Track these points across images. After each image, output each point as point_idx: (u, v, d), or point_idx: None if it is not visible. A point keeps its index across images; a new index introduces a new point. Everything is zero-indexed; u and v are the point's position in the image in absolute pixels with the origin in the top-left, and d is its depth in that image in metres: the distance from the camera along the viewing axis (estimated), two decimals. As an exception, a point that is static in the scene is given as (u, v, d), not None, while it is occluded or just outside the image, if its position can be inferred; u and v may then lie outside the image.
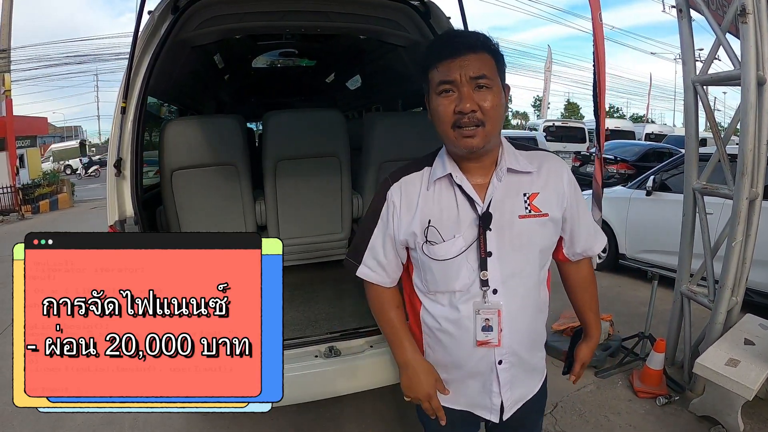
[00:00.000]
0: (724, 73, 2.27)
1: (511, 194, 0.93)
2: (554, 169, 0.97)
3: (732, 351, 2.21)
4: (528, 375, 1.03)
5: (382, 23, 2.15)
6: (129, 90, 1.67)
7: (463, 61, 0.85)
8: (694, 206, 2.50)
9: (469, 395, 1.02)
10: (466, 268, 0.92)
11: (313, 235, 2.33)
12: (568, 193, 0.97)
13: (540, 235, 0.94)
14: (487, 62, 0.87)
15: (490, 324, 0.93)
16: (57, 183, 11.85)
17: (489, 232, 0.91)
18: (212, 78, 3.65)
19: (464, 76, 0.85)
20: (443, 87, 0.87)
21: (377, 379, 1.83)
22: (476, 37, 0.89)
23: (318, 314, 2.14)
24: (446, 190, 0.94)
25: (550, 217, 0.94)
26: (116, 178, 1.64)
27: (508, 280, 0.93)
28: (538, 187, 0.94)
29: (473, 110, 0.85)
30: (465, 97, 0.85)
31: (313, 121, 2.18)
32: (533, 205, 0.93)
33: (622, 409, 2.33)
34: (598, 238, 1.04)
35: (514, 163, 0.94)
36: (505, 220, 0.92)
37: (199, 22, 1.95)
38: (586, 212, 1.02)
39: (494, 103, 0.86)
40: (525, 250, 0.93)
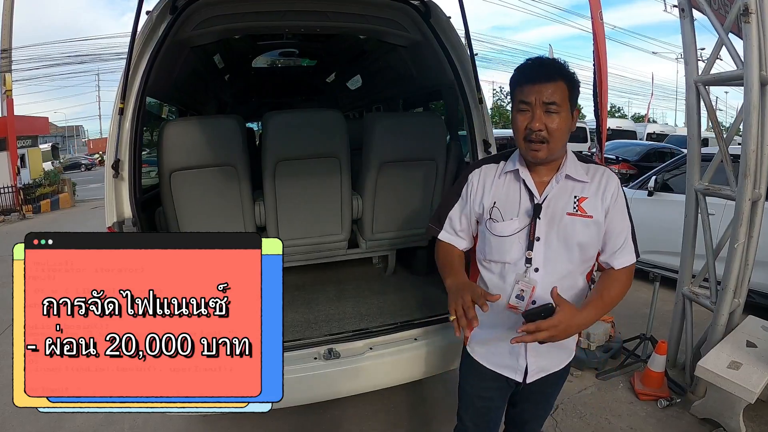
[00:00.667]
0: (727, 73, 2.26)
1: (565, 195, 1.13)
2: (605, 181, 1.14)
3: (734, 353, 2.20)
4: (555, 350, 1.19)
5: (382, 23, 2.14)
6: (127, 91, 1.66)
7: (540, 87, 1.05)
8: (696, 207, 2.49)
9: (499, 355, 1.22)
10: (517, 246, 1.14)
11: (313, 236, 2.32)
12: (611, 204, 1.13)
13: (582, 232, 1.11)
14: (560, 90, 1.05)
15: (523, 294, 1.13)
16: (58, 183, 11.87)
17: (539, 221, 1.12)
18: (212, 78, 3.64)
19: (538, 100, 1.05)
20: (521, 106, 1.08)
21: (378, 381, 1.82)
22: (555, 67, 1.08)
23: (318, 316, 2.13)
24: (513, 182, 1.17)
25: (593, 219, 1.12)
26: (114, 179, 1.63)
27: (548, 263, 1.12)
28: (588, 193, 1.13)
29: (540, 129, 1.05)
30: (536, 118, 1.05)
31: (313, 121, 2.16)
32: (581, 206, 1.12)
33: (623, 411, 2.32)
34: (624, 255, 1.15)
35: (572, 172, 1.14)
36: (556, 214, 1.12)
37: (197, 22, 1.94)
38: (624, 226, 1.14)
39: (559, 126, 1.06)
40: (568, 242, 1.12)
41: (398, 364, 1.82)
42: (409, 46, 2.34)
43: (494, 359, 1.24)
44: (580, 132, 13.63)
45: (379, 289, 2.47)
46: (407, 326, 1.93)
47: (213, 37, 2.14)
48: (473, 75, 1.93)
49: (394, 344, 1.84)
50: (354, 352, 1.78)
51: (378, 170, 2.22)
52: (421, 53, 2.29)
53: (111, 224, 1.61)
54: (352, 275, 2.68)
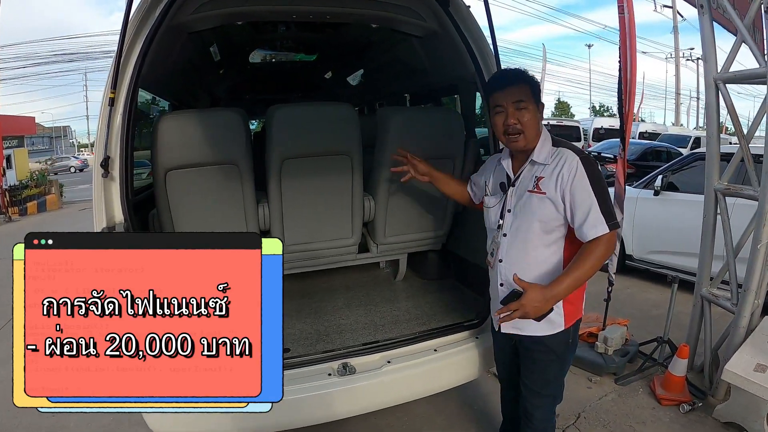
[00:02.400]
0: (748, 71, 2.19)
1: (529, 176, 1.37)
2: (563, 162, 1.31)
3: (758, 356, 2.14)
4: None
5: (397, 11, 2.01)
6: (118, 79, 1.50)
7: (508, 91, 1.33)
8: (716, 207, 2.43)
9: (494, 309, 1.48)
10: (494, 216, 1.46)
11: (321, 240, 2.19)
12: (568, 182, 1.28)
13: (537, 206, 1.33)
14: (524, 90, 1.32)
15: (494, 251, 1.45)
16: (45, 184, 11.56)
17: (510, 197, 1.41)
18: (210, 69, 3.44)
19: (508, 101, 1.32)
20: (497, 109, 1.35)
21: (396, 396, 1.72)
22: (517, 74, 1.36)
23: (329, 327, 2.01)
24: (500, 168, 1.48)
25: (546, 196, 1.31)
26: (104, 179, 1.48)
27: (513, 231, 1.39)
28: (545, 173, 1.33)
29: (515, 123, 1.32)
30: (510, 115, 1.32)
31: (322, 115, 2.01)
32: (538, 185, 1.33)
33: (647, 417, 2.25)
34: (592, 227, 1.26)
35: (537, 157, 1.35)
36: (521, 191, 1.38)
37: (198, 5, 1.79)
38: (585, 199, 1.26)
39: (529, 118, 1.32)
40: (527, 214, 1.35)
41: (418, 377, 1.72)
42: (425, 37, 2.21)
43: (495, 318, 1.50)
44: (573, 131, 13.68)
45: (390, 296, 2.36)
46: (426, 336, 1.82)
47: (214, 22, 1.97)
48: (496, 68, 1.82)
49: (413, 356, 1.74)
50: (370, 366, 1.67)
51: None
52: (438, 44, 2.17)
53: (100, 229, 1.46)
54: (360, 281, 2.57)
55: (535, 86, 1.33)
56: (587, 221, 1.25)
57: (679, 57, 25.56)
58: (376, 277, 2.63)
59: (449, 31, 1.93)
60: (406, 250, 2.41)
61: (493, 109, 1.35)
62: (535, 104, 1.32)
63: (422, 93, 3.39)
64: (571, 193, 1.27)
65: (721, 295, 2.47)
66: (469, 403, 2.32)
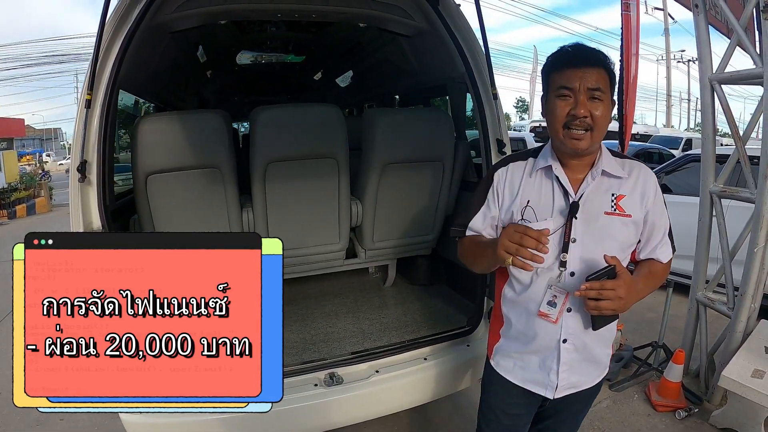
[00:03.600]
0: (744, 71, 2.16)
1: (601, 192, 1.05)
2: (643, 177, 1.07)
3: (755, 361, 2.12)
4: (588, 364, 1.12)
5: (386, 9, 1.96)
6: (95, 80, 1.44)
7: (584, 72, 0.98)
8: (711, 210, 2.39)
9: (528, 370, 1.14)
10: (551, 249, 1.00)
11: (308, 246, 2.13)
12: (652, 200, 1.06)
13: (620, 232, 1.05)
14: (603, 77, 0.99)
15: (555, 301, 1.05)
16: (34, 187, 11.40)
17: (575, 221, 1.03)
18: (196, 71, 3.38)
19: (583, 85, 0.98)
20: (562, 91, 1.00)
21: (385, 407, 1.66)
22: (598, 54, 1.02)
23: (315, 335, 1.95)
24: (546, 179, 1.08)
25: (632, 219, 1.05)
26: (80, 183, 1.42)
27: (585, 266, 1.02)
28: (626, 190, 1.05)
29: (585, 116, 0.98)
30: (580, 104, 0.98)
31: (308, 117, 1.95)
32: (619, 205, 1.05)
33: (643, 425, 2.20)
34: (665, 250, 1.11)
35: (609, 167, 1.05)
36: (592, 213, 1.04)
37: (177, 3, 1.74)
38: (664, 223, 1.10)
39: (603, 114, 0.99)
40: (606, 242, 1.03)
41: (407, 387, 1.66)
42: (414, 36, 2.16)
43: (522, 374, 1.15)
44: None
45: (379, 302, 2.30)
46: (416, 345, 1.76)
47: (196, 21, 1.91)
48: (487, 67, 1.77)
49: (402, 366, 1.68)
50: (358, 376, 1.61)
51: (380, 172, 2.04)
52: (427, 44, 2.12)
53: None
54: (348, 287, 2.50)
55: (614, 77, 1.03)
56: (662, 243, 1.10)
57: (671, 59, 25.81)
58: (365, 283, 2.57)
59: (439, 30, 1.88)
60: (395, 256, 2.35)
61: (557, 91, 1.00)
62: (610, 99, 1.02)
63: (412, 94, 3.35)
64: (653, 215, 1.07)
65: (716, 299, 2.44)
66: (460, 410, 2.26)
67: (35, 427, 2.33)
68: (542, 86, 1.07)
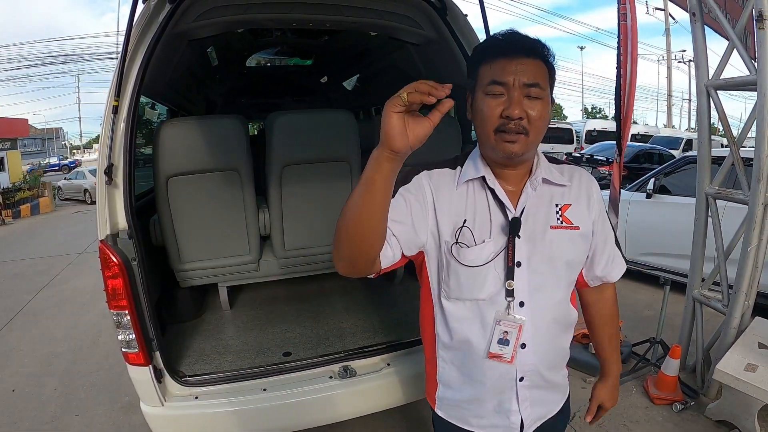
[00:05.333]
0: (739, 78, 2.25)
1: (544, 204, 0.90)
2: (585, 184, 0.95)
3: (748, 356, 2.20)
4: (550, 393, 1.00)
5: (396, 19, 2.04)
6: (122, 87, 1.51)
7: (519, 64, 0.80)
8: (707, 211, 2.48)
9: (484, 417, 0.97)
10: (493, 276, 0.87)
11: (321, 245, 2.22)
12: (597, 210, 0.94)
13: (569, 248, 0.91)
14: (541, 71, 0.83)
15: (508, 338, 0.89)
16: (38, 186, 11.48)
17: (518, 241, 0.87)
18: (208, 74, 3.47)
19: (517, 80, 0.80)
20: (494, 88, 0.81)
21: (395, 398, 1.75)
22: (536, 43, 0.84)
23: (328, 330, 2.04)
24: (478, 193, 0.90)
25: (580, 231, 0.91)
26: (107, 186, 1.48)
27: (535, 292, 0.89)
28: (570, 199, 0.92)
29: (520, 117, 0.80)
30: (514, 103, 0.80)
31: (322, 122, 2.04)
32: (565, 216, 0.90)
33: (641, 417, 2.29)
34: (617, 264, 1.00)
35: (549, 175, 0.91)
36: (537, 229, 0.89)
37: (199, 12, 1.81)
38: (609, 233, 0.98)
39: (541, 114, 0.82)
40: (554, 262, 0.89)
41: (417, 379, 1.75)
42: (422, 44, 2.25)
43: (478, 421, 0.98)
44: (565, 133, 13.78)
45: (388, 299, 2.39)
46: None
47: (215, 29, 1.98)
48: None
49: (413, 358, 1.77)
50: (371, 368, 1.71)
51: None
52: (435, 52, 2.21)
53: (104, 237, 1.47)
54: (357, 285, 2.59)
55: (553, 69, 0.85)
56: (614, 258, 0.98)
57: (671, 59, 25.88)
58: (374, 282, 2.66)
59: (446, 39, 1.96)
60: None
61: (486, 87, 0.82)
62: (549, 96, 0.84)
63: None
64: (599, 226, 0.95)
65: (712, 297, 2.52)
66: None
67: (51, 422, 2.39)
68: (467, 82, 0.88)
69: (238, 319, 2.22)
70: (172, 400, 1.57)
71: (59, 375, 2.89)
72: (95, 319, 3.78)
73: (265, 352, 1.86)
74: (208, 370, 1.72)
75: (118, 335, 1.48)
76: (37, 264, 5.81)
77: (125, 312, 1.45)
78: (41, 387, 2.75)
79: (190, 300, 2.23)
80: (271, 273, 2.26)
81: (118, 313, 1.45)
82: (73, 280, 5.01)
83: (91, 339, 3.41)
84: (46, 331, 3.61)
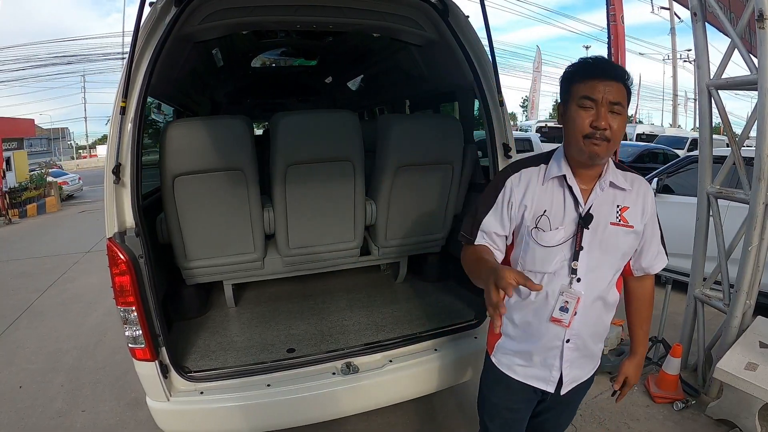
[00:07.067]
0: (740, 77, 2.25)
1: (608, 204, 1.11)
2: (643, 190, 1.14)
3: (749, 355, 2.20)
4: (587, 360, 1.21)
5: (398, 20, 2.06)
6: (129, 88, 1.54)
7: (607, 85, 1.01)
8: (708, 210, 2.49)
9: (531, 367, 1.21)
10: (561, 256, 1.10)
11: (324, 243, 2.24)
12: (649, 213, 1.14)
13: (623, 241, 1.12)
14: (623, 93, 1.03)
15: (567, 306, 1.11)
16: (44, 186, 11.57)
17: (585, 231, 1.09)
18: (212, 75, 3.50)
19: (605, 98, 1.01)
20: (585, 102, 1.02)
21: (398, 394, 1.77)
22: (621, 70, 1.05)
23: (332, 327, 2.07)
24: (557, 188, 1.12)
25: (634, 230, 1.12)
26: (115, 185, 1.51)
27: (590, 273, 1.10)
28: (630, 202, 1.12)
29: (605, 128, 1.01)
30: (602, 116, 1.01)
31: (325, 123, 2.07)
32: (623, 216, 1.11)
33: (641, 415, 2.30)
34: (660, 258, 1.20)
35: (615, 179, 1.11)
36: (600, 223, 1.09)
37: (204, 15, 1.83)
38: (658, 233, 1.18)
39: (620, 127, 1.04)
40: (610, 252, 1.11)
41: (419, 376, 1.78)
42: (424, 45, 2.27)
43: (525, 371, 1.22)
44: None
45: (391, 297, 2.41)
46: (426, 336, 1.88)
47: (220, 32, 2.01)
48: (494, 76, 1.88)
49: (414, 356, 1.80)
50: (373, 365, 1.73)
51: (393, 174, 2.15)
52: (436, 53, 2.23)
53: (112, 235, 1.50)
54: (361, 283, 2.62)
55: (631, 95, 1.06)
56: (658, 253, 1.18)
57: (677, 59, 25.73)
58: (377, 279, 2.68)
59: (448, 41, 1.98)
60: (406, 253, 2.47)
61: (578, 100, 1.02)
62: (626, 113, 1.06)
63: (422, 99, 3.45)
64: (650, 227, 1.15)
65: (713, 296, 2.53)
66: (467, 401, 2.37)
67: (57, 418, 2.42)
68: (560, 94, 1.10)
69: (243, 316, 2.25)
70: (177, 395, 1.60)
71: (65, 372, 2.93)
72: (101, 318, 3.83)
73: (269, 349, 1.89)
74: (213, 365, 1.75)
75: (125, 331, 1.51)
76: (43, 263, 5.87)
77: (132, 308, 1.48)
78: (48, 383, 2.79)
79: (195, 297, 2.26)
80: (275, 271, 2.29)
81: (125, 309, 1.48)
82: (79, 279, 5.06)
83: (97, 337, 3.45)
84: (52, 329, 3.66)
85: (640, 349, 1.30)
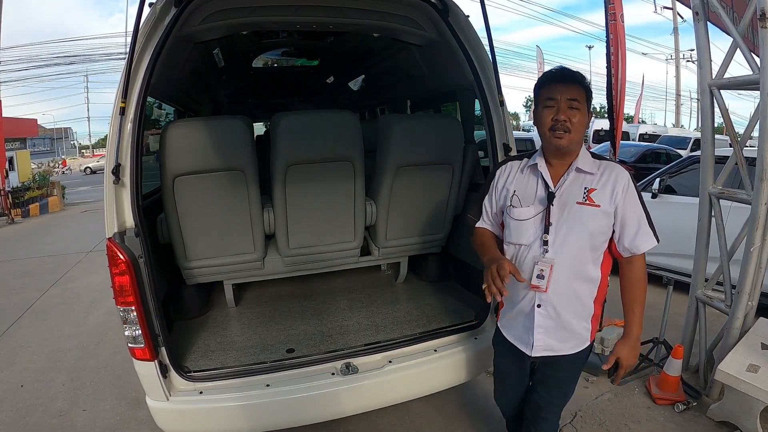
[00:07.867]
0: (742, 77, 2.24)
1: (576, 186, 1.29)
2: (614, 174, 1.28)
3: (750, 356, 2.19)
4: (565, 333, 1.34)
5: (398, 20, 2.06)
6: (129, 89, 1.54)
7: (566, 86, 1.25)
8: (710, 211, 2.47)
9: (515, 328, 1.42)
10: (533, 230, 1.32)
11: (324, 243, 2.24)
12: (621, 195, 1.27)
13: (589, 219, 1.27)
14: (580, 92, 1.25)
15: (543, 274, 1.29)
16: (47, 186, 11.61)
17: (553, 208, 1.29)
18: (213, 76, 3.51)
19: (563, 96, 1.24)
20: (548, 102, 1.26)
21: (398, 395, 1.77)
22: (579, 75, 1.28)
23: (331, 328, 2.07)
24: (532, 175, 1.36)
25: (601, 209, 1.26)
26: (114, 185, 1.52)
27: (560, 247, 1.28)
28: (597, 185, 1.28)
29: (565, 120, 1.24)
30: (561, 111, 1.24)
31: (326, 123, 2.07)
32: (589, 197, 1.27)
33: (642, 417, 2.29)
34: (644, 238, 1.29)
35: (583, 165, 1.30)
36: (568, 202, 1.29)
37: (204, 16, 1.84)
38: (637, 214, 1.28)
39: (580, 120, 1.25)
40: (576, 228, 1.27)
41: (419, 376, 1.77)
42: (424, 45, 2.27)
43: (512, 332, 1.45)
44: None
45: (391, 298, 2.41)
46: (426, 337, 1.88)
47: (220, 32, 2.01)
48: (494, 76, 1.88)
49: (414, 356, 1.79)
50: (372, 366, 1.73)
51: (394, 174, 2.15)
52: (437, 53, 2.23)
53: (111, 235, 1.50)
54: (361, 283, 2.62)
55: (589, 94, 1.28)
56: (639, 233, 1.27)
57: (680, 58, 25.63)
58: (378, 280, 2.68)
59: (448, 41, 1.98)
60: (406, 253, 2.46)
61: (544, 102, 1.26)
62: (586, 110, 1.26)
63: (422, 99, 3.45)
64: (623, 207, 1.26)
65: (715, 297, 2.52)
66: (468, 402, 2.37)
67: (58, 417, 2.42)
68: (533, 101, 1.33)
69: (243, 316, 2.25)
70: (177, 395, 1.60)
71: (67, 371, 2.93)
72: (103, 317, 3.84)
73: (269, 349, 1.89)
74: (213, 365, 1.75)
75: (124, 331, 1.51)
76: (45, 262, 5.89)
77: (132, 308, 1.48)
78: (49, 382, 2.80)
79: (196, 297, 2.26)
80: (275, 271, 2.30)
81: (125, 309, 1.49)
82: (81, 279, 5.08)
83: (98, 336, 3.46)
84: (54, 329, 3.67)
85: (633, 331, 1.35)
